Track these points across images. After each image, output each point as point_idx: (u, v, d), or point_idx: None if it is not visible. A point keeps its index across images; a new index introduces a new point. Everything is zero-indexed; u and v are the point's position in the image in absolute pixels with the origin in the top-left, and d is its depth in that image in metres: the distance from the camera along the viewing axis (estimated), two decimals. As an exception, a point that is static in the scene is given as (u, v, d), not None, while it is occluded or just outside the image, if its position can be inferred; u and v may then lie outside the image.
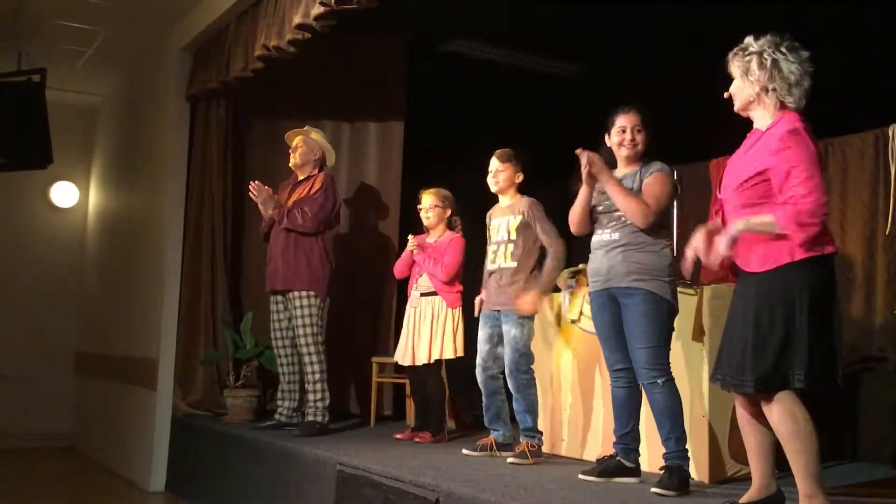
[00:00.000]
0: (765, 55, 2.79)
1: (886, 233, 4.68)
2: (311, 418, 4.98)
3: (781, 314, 2.64)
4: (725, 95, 2.89)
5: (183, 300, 6.00)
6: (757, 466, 2.89)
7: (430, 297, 4.81)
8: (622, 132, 3.55)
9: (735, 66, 2.87)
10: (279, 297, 5.15)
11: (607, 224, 3.53)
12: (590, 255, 3.61)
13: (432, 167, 6.24)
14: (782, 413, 2.65)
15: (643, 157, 3.56)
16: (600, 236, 3.55)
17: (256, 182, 5.14)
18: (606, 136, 3.62)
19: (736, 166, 2.85)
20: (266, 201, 5.10)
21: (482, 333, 4.32)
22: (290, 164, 5.29)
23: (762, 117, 2.83)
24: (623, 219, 3.45)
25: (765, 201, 2.74)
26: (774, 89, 2.78)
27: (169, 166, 6.18)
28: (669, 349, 3.43)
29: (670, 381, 3.38)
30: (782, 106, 2.79)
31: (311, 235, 5.03)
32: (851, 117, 4.74)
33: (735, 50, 2.89)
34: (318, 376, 5.00)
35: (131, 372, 6.45)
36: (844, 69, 2.84)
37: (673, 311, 3.44)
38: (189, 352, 5.95)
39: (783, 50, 2.78)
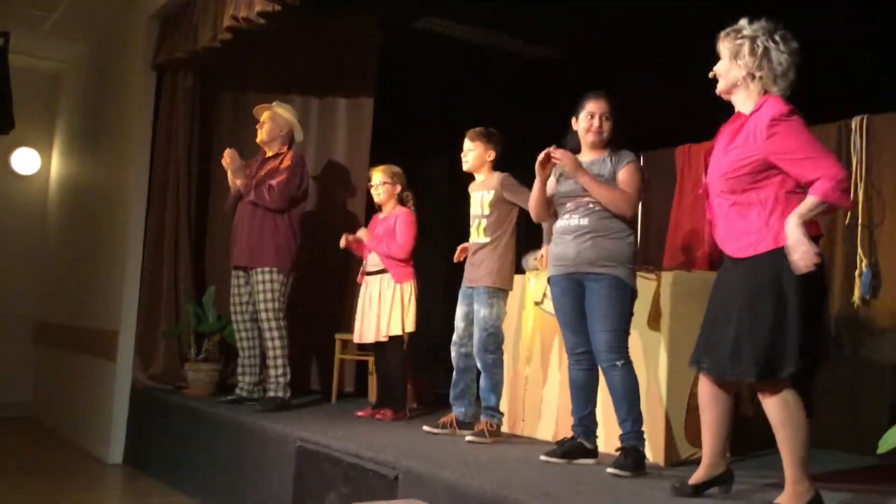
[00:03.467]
0: (758, 41, 2.76)
1: (846, 223, 4.74)
2: (272, 394, 4.98)
3: (773, 299, 2.64)
4: (711, 75, 2.87)
5: (145, 272, 5.97)
6: (709, 443, 2.93)
7: (377, 276, 4.82)
8: (590, 118, 3.57)
9: (725, 47, 2.84)
10: (241, 273, 5.13)
11: (574, 210, 3.54)
12: (553, 240, 3.63)
13: (402, 145, 6.22)
14: (776, 400, 2.67)
15: (609, 145, 3.59)
16: (567, 222, 3.56)
17: (232, 150, 5.10)
18: (574, 120, 3.64)
19: (723, 153, 2.83)
20: (237, 171, 5.07)
21: (459, 311, 4.33)
22: (258, 140, 5.26)
23: (744, 102, 2.82)
24: (592, 206, 3.48)
25: (751, 188, 2.74)
26: (761, 77, 2.77)
27: (134, 136, 6.12)
28: (629, 333, 3.48)
29: (629, 364, 3.43)
30: (765, 93, 2.78)
31: (277, 212, 5.01)
32: (813, 109, 4.80)
33: (727, 30, 2.85)
34: (279, 352, 5.00)
35: (91, 343, 6.41)
36: (807, 60, 2.84)
37: (634, 296, 3.50)
38: (150, 324, 5.92)
39: (776, 39, 2.77)
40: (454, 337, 4.32)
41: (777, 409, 2.68)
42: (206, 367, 5.66)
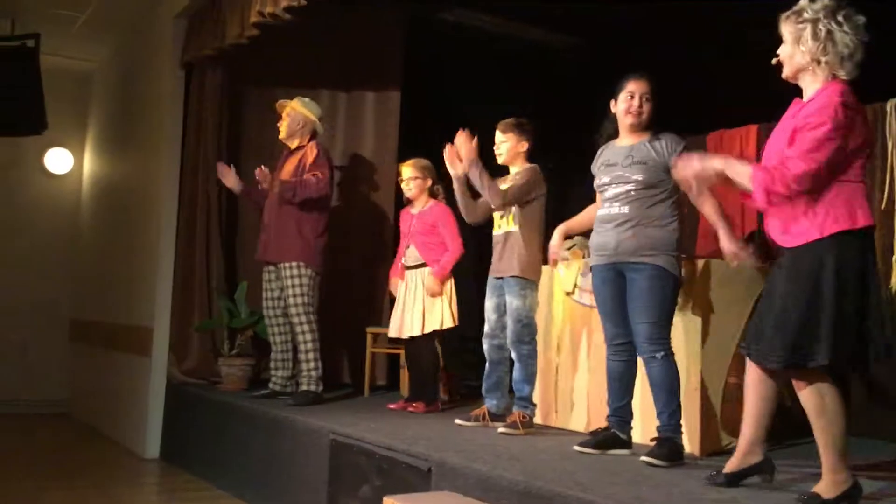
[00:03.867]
0: (820, 25, 2.66)
1: (882, 207, 4.68)
2: (304, 387, 5.01)
3: (806, 290, 2.60)
4: (774, 61, 2.79)
5: (178, 268, 6.00)
6: (747, 430, 2.90)
7: (417, 270, 4.83)
8: (630, 98, 3.51)
9: (787, 30, 2.74)
10: (271, 268, 5.17)
11: (614, 199, 3.49)
12: (595, 228, 3.59)
13: (430, 139, 6.15)
14: (810, 389, 2.65)
15: (648, 128, 3.53)
16: (608, 210, 3.51)
17: (264, 168, 5.24)
18: (613, 102, 3.58)
19: (775, 137, 2.79)
20: (233, 184, 5.34)
21: (489, 303, 4.32)
22: (280, 137, 5.31)
23: (810, 86, 2.73)
24: (633, 193, 3.44)
25: None
26: (827, 62, 2.67)
27: (164, 133, 6.14)
28: (671, 324, 3.44)
29: (669, 355, 3.39)
30: (833, 77, 2.69)
31: (304, 206, 5.04)
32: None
33: (788, 13, 2.75)
34: (310, 345, 5.03)
35: (126, 339, 6.44)
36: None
37: (678, 285, 3.46)
38: (184, 320, 5.95)
39: (840, 19, 2.66)
40: (486, 329, 4.31)
41: (812, 399, 2.65)
42: (239, 362, 5.70)
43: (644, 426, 3.72)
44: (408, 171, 4.93)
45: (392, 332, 4.96)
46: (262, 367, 5.88)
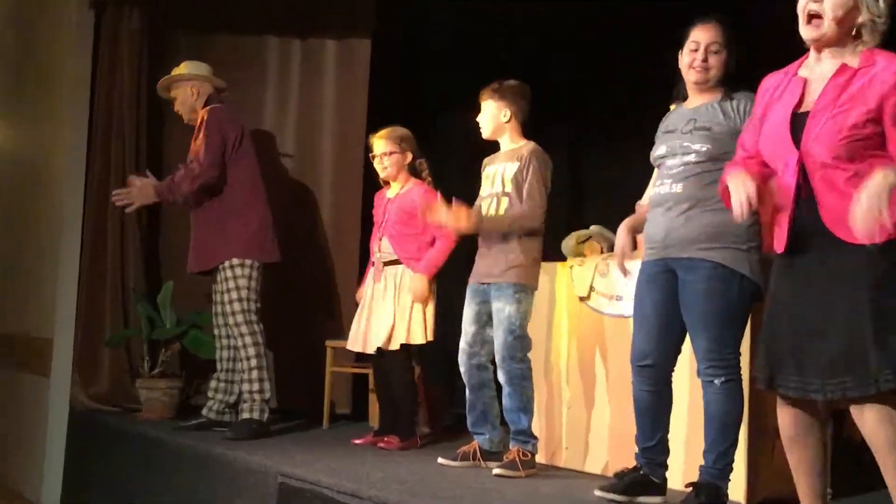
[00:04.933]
0: None
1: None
2: (246, 415, 5.01)
3: (885, 300, 2.63)
4: (809, 10, 2.83)
5: (84, 264, 5.97)
6: (807, 483, 2.91)
7: (391, 267, 4.83)
8: (693, 49, 3.47)
9: None
10: (214, 272, 5.24)
11: (668, 173, 3.46)
12: (647, 214, 3.58)
13: (410, 101, 6.22)
14: (878, 419, 2.64)
15: (720, 85, 3.50)
16: (659, 189, 3.49)
17: (118, 193, 5.19)
18: (679, 55, 3.55)
19: (828, 112, 2.78)
20: (142, 197, 5.14)
21: (468, 312, 4.33)
22: (187, 121, 5.40)
23: (840, 54, 2.81)
24: (693, 165, 3.39)
25: (875, 153, 2.71)
26: (879, 27, 2.80)
27: (66, 92, 6.10)
28: (740, 339, 3.38)
29: (732, 382, 3.33)
30: (863, 45, 2.81)
31: (214, 191, 5.10)
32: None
33: None
34: (253, 363, 5.03)
35: (18, 354, 6.43)
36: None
37: (751, 287, 3.35)
38: (92, 330, 5.93)
39: None
40: (462, 344, 4.33)
41: (881, 430, 2.64)
42: (163, 384, 5.69)
43: (687, 465, 3.70)
44: (381, 144, 4.90)
45: (353, 345, 4.95)
46: (193, 390, 5.91)
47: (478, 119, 4.38)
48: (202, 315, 5.67)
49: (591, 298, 4.34)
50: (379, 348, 4.77)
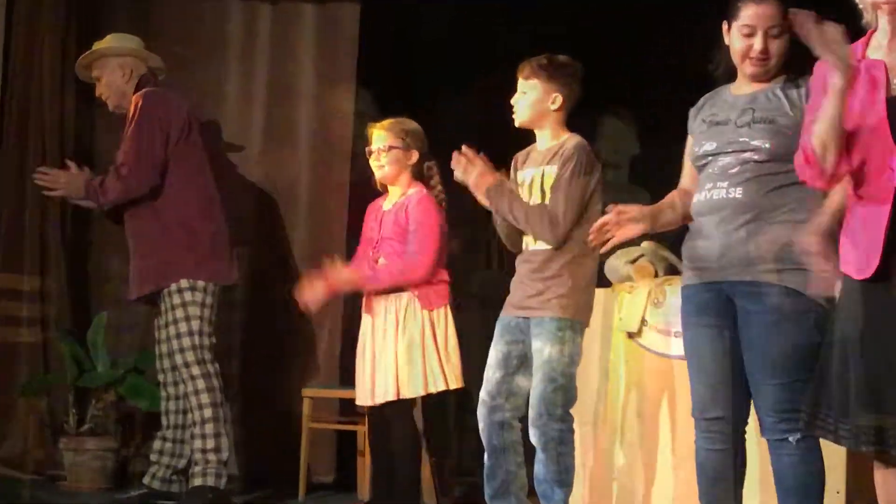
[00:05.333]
0: None
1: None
2: (198, 481, 4.89)
3: None
4: None
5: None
6: None
7: (392, 298, 4.59)
8: (748, 35, 3.36)
9: None
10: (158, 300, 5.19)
11: (721, 175, 3.36)
12: (690, 226, 3.51)
13: (412, 82, 6.24)
14: None
15: (781, 72, 3.43)
16: (709, 195, 3.38)
17: (44, 171, 5.11)
18: (725, 28, 3.45)
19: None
20: (69, 188, 5.03)
21: (494, 353, 4.17)
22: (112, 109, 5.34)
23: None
24: (752, 167, 3.30)
25: None
26: None
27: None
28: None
29: (809, 438, 3.23)
30: None
31: (153, 195, 4.99)
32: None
33: None
34: (207, 413, 4.88)
35: None
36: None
37: (824, 320, 3.24)
38: (2, 376, 5.84)
39: None
40: (483, 395, 4.20)
41: None
42: (93, 445, 5.56)
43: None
44: (381, 136, 4.68)
45: (361, 399, 4.73)
46: (131, 452, 5.78)
47: (514, 100, 4.19)
48: (144, 355, 5.58)
49: (643, 335, 4.39)
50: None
